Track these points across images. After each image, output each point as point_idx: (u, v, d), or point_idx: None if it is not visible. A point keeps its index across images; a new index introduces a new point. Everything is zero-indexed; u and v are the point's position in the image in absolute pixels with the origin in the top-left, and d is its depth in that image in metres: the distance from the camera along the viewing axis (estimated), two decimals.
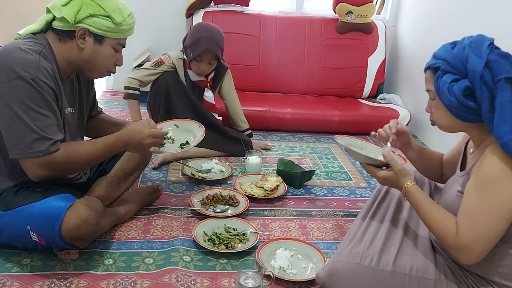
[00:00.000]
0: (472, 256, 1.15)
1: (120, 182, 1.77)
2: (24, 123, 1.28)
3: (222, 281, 1.49)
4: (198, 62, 2.32)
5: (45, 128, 1.31)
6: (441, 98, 1.20)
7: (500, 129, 1.10)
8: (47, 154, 1.32)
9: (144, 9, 3.34)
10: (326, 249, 1.71)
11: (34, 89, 1.28)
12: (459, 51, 1.17)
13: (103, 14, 1.38)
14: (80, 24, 1.37)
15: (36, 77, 1.29)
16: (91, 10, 1.37)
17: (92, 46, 1.41)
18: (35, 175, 1.36)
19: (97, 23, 1.38)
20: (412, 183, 1.30)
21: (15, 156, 1.32)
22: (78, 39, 1.39)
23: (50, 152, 1.32)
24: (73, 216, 1.36)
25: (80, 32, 1.38)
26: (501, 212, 1.10)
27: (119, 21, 1.40)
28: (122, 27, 1.42)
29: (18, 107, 1.28)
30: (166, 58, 2.38)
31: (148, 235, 1.71)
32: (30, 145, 1.29)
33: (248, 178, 2.20)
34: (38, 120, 1.30)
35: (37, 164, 1.33)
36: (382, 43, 3.48)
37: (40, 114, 1.30)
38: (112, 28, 1.40)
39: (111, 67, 1.50)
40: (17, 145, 1.30)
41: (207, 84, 2.47)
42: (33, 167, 1.34)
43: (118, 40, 1.45)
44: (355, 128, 3.05)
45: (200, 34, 2.27)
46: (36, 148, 1.30)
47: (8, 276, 1.42)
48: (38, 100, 1.30)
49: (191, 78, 2.43)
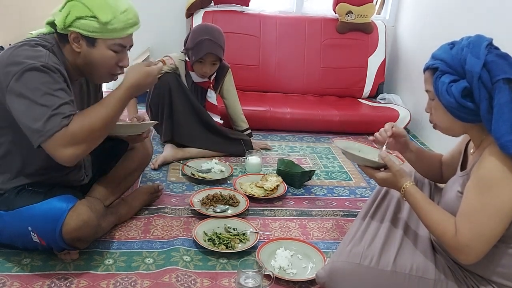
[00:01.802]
0: (471, 256, 1.15)
1: (120, 182, 1.77)
2: (40, 106, 1.24)
3: (222, 281, 1.49)
4: (201, 64, 2.33)
5: (58, 107, 1.26)
6: (440, 98, 1.20)
7: (498, 130, 1.10)
8: (61, 128, 1.24)
9: (144, 9, 3.30)
10: (326, 249, 1.71)
11: (45, 73, 1.26)
12: (457, 52, 1.17)
13: (89, 15, 1.32)
14: (70, 28, 1.34)
15: (46, 63, 1.27)
16: (78, 12, 1.32)
17: (86, 49, 1.37)
18: (66, 156, 1.27)
19: (84, 25, 1.33)
20: (411, 184, 1.30)
21: (38, 142, 1.25)
22: (72, 43, 1.37)
23: (64, 125, 1.24)
24: (74, 218, 1.36)
25: (72, 36, 1.35)
26: (500, 213, 1.11)
27: (106, 20, 1.32)
28: (112, 26, 1.34)
29: (32, 93, 1.24)
30: (168, 59, 2.38)
31: (148, 235, 1.71)
32: (44, 124, 1.24)
33: (248, 178, 2.20)
34: (53, 101, 1.25)
35: (58, 143, 1.25)
36: (382, 43, 3.48)
37: (52, 96, 1.26)
38: (99, 28, 1.33)
39: (113, 69, 1.44)
40: (36, 129, 1.24)
41: (210, 85, 2.47)
42: (57, 148, 1.25)
43: (113, 40, 1.37)
44: (355, 128, 3.06)
45: (201, 36, 2.27)
46: (50, 125, 1.24)
47: (8, 276, 1.42)
48: (51, 84, 1.27)
49: (194, 79, 2.43)
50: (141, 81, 1.40)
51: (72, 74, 1.43)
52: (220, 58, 2.34)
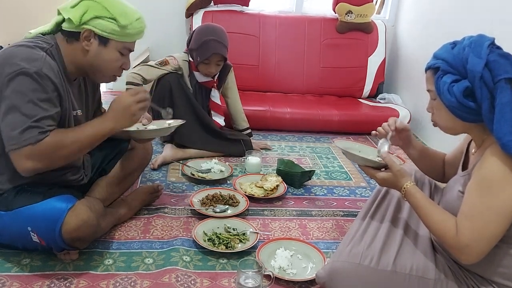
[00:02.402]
0: (472, 256, 1.14)
1: (120, 182, 1.77)
2: (21, 114, 1.26)
3: (222, 281, 1.49)
4: (206, 65, 2.33)
5: (40, 120, 1.28)
6: (442, 98, 1.20)
7: (500, 129, 1.10)
8: (35, 142, 1.27)
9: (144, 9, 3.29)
10: (326, 249, 1.71)
11: (36, 82, 1.28)
12: (459, 52, 1.17)
13: (109, 16, 1.37)
14: (85, 26, 1.37)
15: (40, 69, 1.28)
16: (96, 12, 1.36)
17: (96, 48, 1.41)
18: (24, 168, 1.30)
19: (102, 25, 1.38)
20: (411, 184, 1.30)
21: (9, 148, 1.28)
22: (83, 41, 1.39)
23: (38, 140, 1.27)
24: (73, 218, 1.36)
25: (85, 33, 1.38)
26: (501, 213, 1.10)
27: (124, 24, 1.39)
28: (128, 31, 1.41)
29: (17, 98, 1.26)
30: (171, 59, 2.38)
31: (148, 235, 1.70)
32: (20, 135, 1.25)
33: (248, 178, 2.20)
34: (34, 111, 1.27)
35: (24, 154, 1.27)
36: (382, 43, 3.47)
37: (36, 106, 1.28)
38: (117, 31, 1.39)
39: (117, 70, 1.49)
40: (11, 136, 1.27)
41: (213, 84, 2.47)
42: (21, 158, 1.28)
43: (123, 43, 1.43)
44: (355, 128, 3.05)
45: (206, 37, 2.28)
46: (25, 136, 1.26)
47: (7, 276, 1.42)
48: (39, 93, 1.28)
49: (198, 79, 2.43)
50: (126, 123, 1.44)
51: (71, 74, 1.44)
52: (225, 58, 2.34)
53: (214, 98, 2.50)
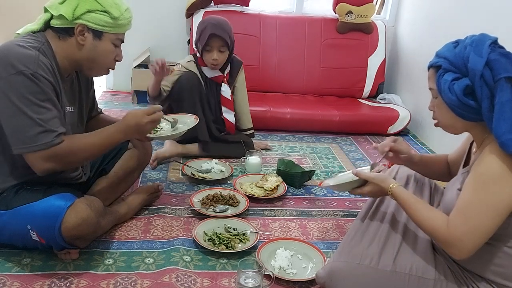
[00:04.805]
0: (463, 251, 1.15)
1: (120, 182, 1.78)
2: (27, 117, 1.28)
3: (222, 281, 1.49)
4: (209, 52, 2.33)
5: (48, 121, 1.31)
6: (443, 96, 1.20)
7: (499, 128, 1.10)
8: (52, 146, 1.31)
9: (144, 9, 3.34)
10: (326, 249, 1.71)
11: (34, 83, 1.28)
12: (460, 50, 1.17)
13: (100, 9, 1.38)
14: (78, 21, 1.38)
15: (35, 71, 1.29)
16: (88, 6, 1.37)
17: (91, 42, 1.42)
18: (42, 169, 1.34)
19: (95, 19, 1.38)
20: (395, 185, 1.33)
21: (19, 150, 1.31)
22: (78, 36, 1.40)
23: (55, 144, 1.31)
24: (73, 215, 1.36)
25: (79, 28, 1.39)
26: (496, 209, 1.11)
27: (117, 16, 1.40)
28: (120, 22, 1.42)
29: (19, 101, 1.27)
30: (176, 67, 2.40)
31: (148, 235, 1.71)
32: (34, 138, 1.29)
33: (248, 178, 2.20)
34: (41, 113, 1.30)
35: (42, 157, 1.32)
36: (382, 43, 3.48)
37: (42, 108, 1.30)
38: (110, 22, 1.40)
39: (111, 63, 1.50)
40: (21, 139, 1.29)
41: (224, 79, 2.46)
42: (39, 161, 1.32)
43: (117, 35, 1.45)
44: (355, 128, 3.06)
45: (205, 24, 2.32)
46: (41, 141, 1.29)
47: (8, 276, 1.42)
48: (39, 94, 1.30)
49: (207, 75, 2.43)
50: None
51: (64, 71, 1.45)
52: (228, 45, 2.33)
53: (224, 93, 2.48)
